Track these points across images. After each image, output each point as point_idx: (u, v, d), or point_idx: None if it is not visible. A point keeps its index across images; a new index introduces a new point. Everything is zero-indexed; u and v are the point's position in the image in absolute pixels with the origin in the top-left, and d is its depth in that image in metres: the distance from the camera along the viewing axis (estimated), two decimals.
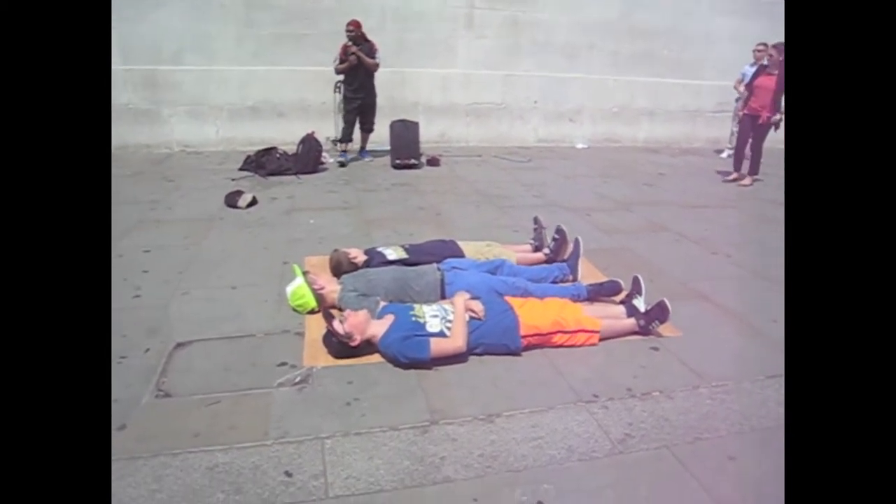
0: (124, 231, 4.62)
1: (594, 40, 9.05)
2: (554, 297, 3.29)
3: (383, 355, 2.83)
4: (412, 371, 2.75)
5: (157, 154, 7.66)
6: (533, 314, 2.99)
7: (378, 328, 2.83)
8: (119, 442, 2.25)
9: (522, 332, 2.91)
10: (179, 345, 2.95)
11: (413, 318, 2.85)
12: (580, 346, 3.02)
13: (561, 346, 3.00)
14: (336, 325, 2.78)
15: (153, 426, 2.35)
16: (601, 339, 3.07)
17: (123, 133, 7.74)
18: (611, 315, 3.26)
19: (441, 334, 2.79)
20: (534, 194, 6.17)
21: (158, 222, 4.91)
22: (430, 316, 2.87)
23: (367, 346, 2.83)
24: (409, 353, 2.74)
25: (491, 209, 5.57)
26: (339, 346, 2.79)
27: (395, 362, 2.78)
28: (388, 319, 2.87)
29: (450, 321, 2.85)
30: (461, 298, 2.96)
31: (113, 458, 2.17)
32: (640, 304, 3.27)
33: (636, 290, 3.33)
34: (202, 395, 2.55)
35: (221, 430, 2.32)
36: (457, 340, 2.77)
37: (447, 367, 2.78)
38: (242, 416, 2.42)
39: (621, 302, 3.41)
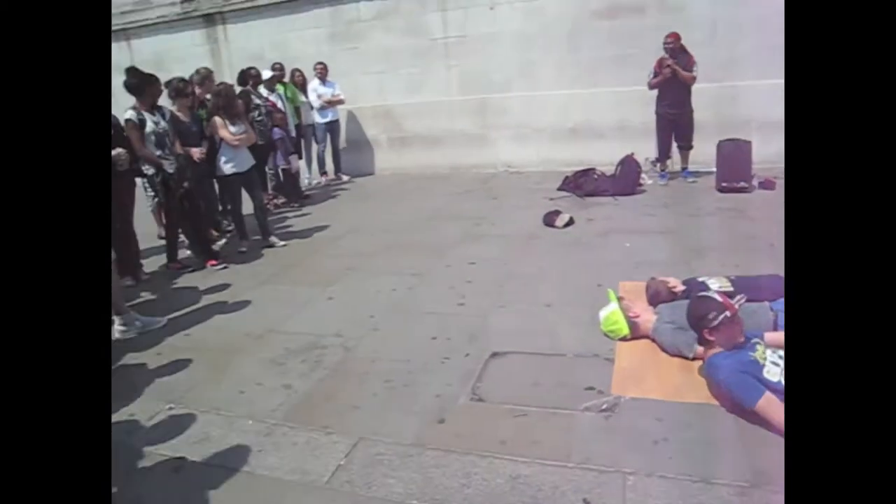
0: (453, 243, 5.15)
1: None
2: None
3: (706, 378, 2.61)
4: (732, 420, 2.44)
5: (483, 174, 8.40)
6: None
7: (710, 350, 2.64)
8: (438, 434, 2.51)
9: None
10: (495, 354, 3.15)
11: (751, 356, 2.49)
12: None
13: None
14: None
15: (467, 426, 2.55)
16: None
17: (457, 155, 8.74)
18: None
19: (779, 385, 2.39)
20: None
21: (483, 237, 5.36)
22: (771, 362, 2.45)
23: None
24: (735, 389, 2.40)
25: None
26: (693, 322, 2.72)
27: (717, 390, 2.52)
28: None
29: None
30: None
31: (431, 447, 2.42)
32: None
33: None
34: (511, 405, 2.67)
35: (526, 443, 2.39)
36: None
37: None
38: (547, 432, 2.46)
39: None
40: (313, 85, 8.33)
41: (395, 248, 5.29)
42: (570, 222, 5.47)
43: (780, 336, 2.67)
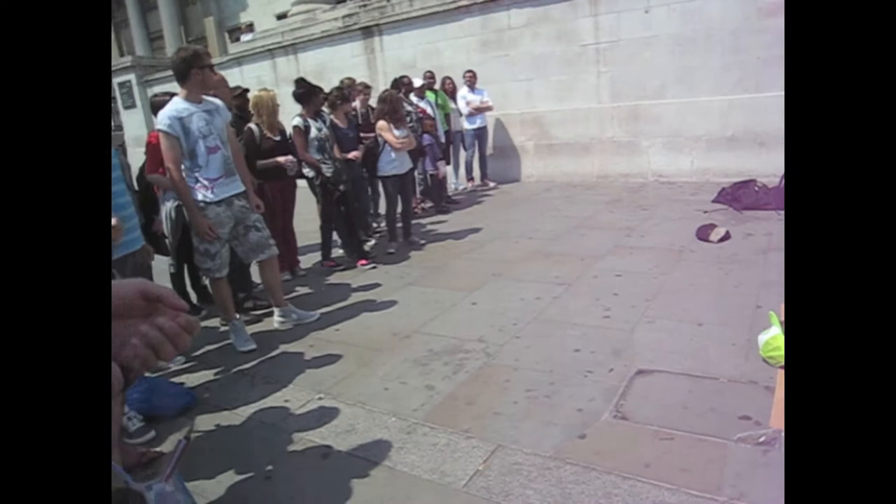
0: (601, 254, 5.03)
1: None
2: None
3: None
4: None
5: (633, 183, 8.12)
6: None
7: None
8: (578, 449, 2.46)
9: None
10: (641, 371, 3.03)
11: None
12: None
13: None
14: None
15: (609, 444, 2.48)
16: None
17: (605, 163, 8.53)
18: None
19: None
20: None
21: (631, 249, 5.18)
22: None
23: None
24: None
25: None
26: None
27: None
28: None
29: None
30: None
31: (572, 462, 2.38)
32: None
33: None
34: (657, 426, 2.56)
35: (672, 469, 2.28)
36: None
37: None
38: (695, 460, 2.33)
39: None
40: (462, 92, 8.55)
41: (540, 256, 5.27)
42: (727, 237, 5.12)
43: None
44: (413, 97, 7.39)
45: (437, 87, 8.18)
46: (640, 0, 7.92)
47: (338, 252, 5.88)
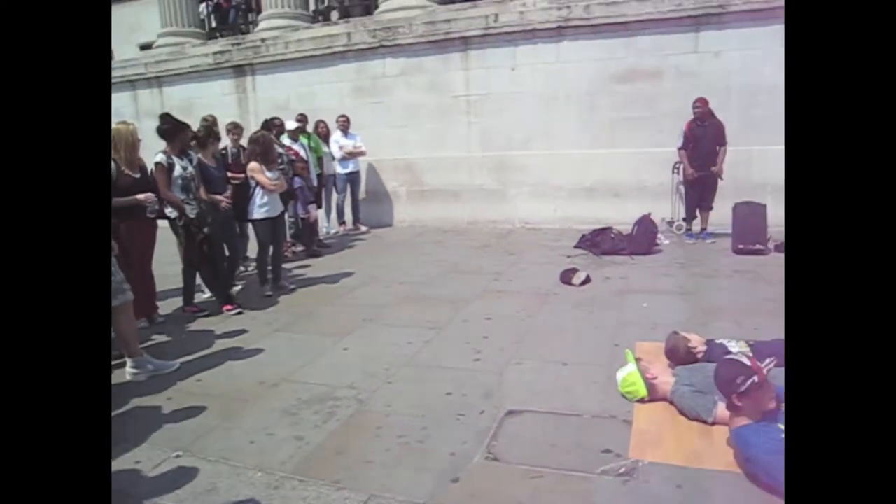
0: (470, 298, 5.15)
1: None
2: None
3: (735, 450, 2.52)
4: (755, 491, 2.37)
5: (501, 229, 8.47)
6: None
7: (737, 420, 2.56)
8: (452, 494, 2.44)
9: None
10: (511, 412, 3.10)
11: (781, 430, 2.40)
12: None
13: None
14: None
15: (482, 486, 2.48)
16: None
17: (476, 209, 8.85)
18: None
19: None
20: None
21: (500, 293, 5.36)
22: None
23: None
24: (772, 471, 2.29)
25: None
26: (721, 383, 2.63)
27: (742, 463, 2.45)
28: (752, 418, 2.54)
29: None
30: None
31: None
32: None
33: None
34: (527, 465, 2.60)
35: None
36: None
37: None
38: (563, 496, 2.39)
39: None
40: (336, 136, 8.55)
41: (411, 300, 5.29)
42: (587, 280, 5.46)
43: None
44: (286, 139, 7.27)
45: (310, 129, 8.12)
46: (507, 59, 8.46)
47: (202, 296, 5.53)
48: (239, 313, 5.17)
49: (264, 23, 10.65)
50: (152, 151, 4.98)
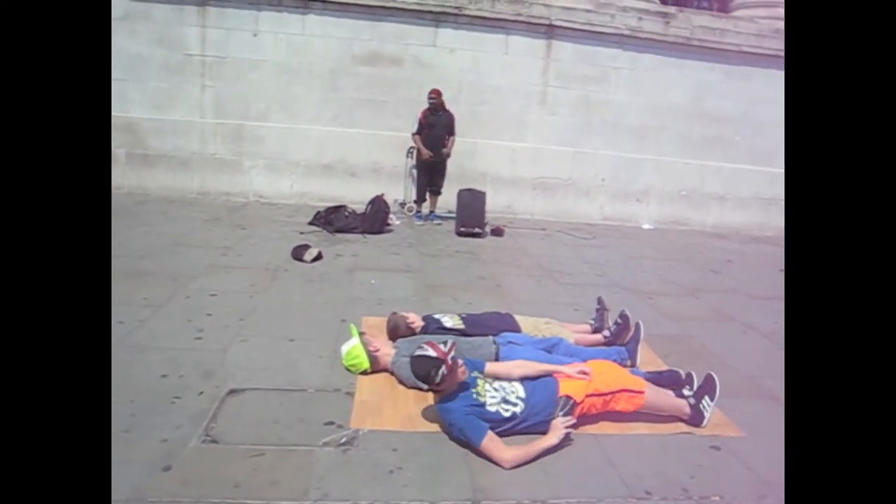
0: (195, 274, 4.81)
1: (665, 123, 9.06)
2: (597, 360, 3.18)
3: (437, 418, 2.79)
4: (458, 445, 2.68)
5: (234, 202, 8.05)
6: (577, 390, 2.87)
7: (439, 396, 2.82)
8: (163, 483, 2.28)
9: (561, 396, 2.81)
10: (233, 391, 2.99)
11: (473, 395, 2.76)
12: (630, 412, 2.91)
13: (601, 413, 2.90)
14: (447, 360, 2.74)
15: (197, 471, 2.36)
16: (646, 408, 2.93)
17: (207, 180, 8.25)
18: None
19: (497, 415, 2.71)
20: (596, 273, 6.08)
21: (227, 268, 5.10)
22: (490, 396, 2.78)
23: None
24: (465, 431, 2.64)
25: (552, 284, 5.51)
26: (426, 374, 2.77)
27: (446, 429, 2.73)
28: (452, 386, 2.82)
29: (507, 401, 2.78)
30: (558, 433, 2.70)
31: (155, 499, 2.19)
32: (707, 411, 3.00)
33: (708, 390, 3.05)
34: (248, 445, 2.55)
35: (262, 484, 2.31)
36: (506, 455, 2.58)
37: None
38: (284, 472, 2.40)
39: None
40: None
41: (126, 276, 4.72)
42: (319, 257, 5.51)
43: (497, 367, 3.01)
44: None
45: None
46: (249, 22, 7.98)
47: None
48: None
49: None
50: None
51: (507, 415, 2.74)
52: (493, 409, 2.73)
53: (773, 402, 3.45)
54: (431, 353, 2.76)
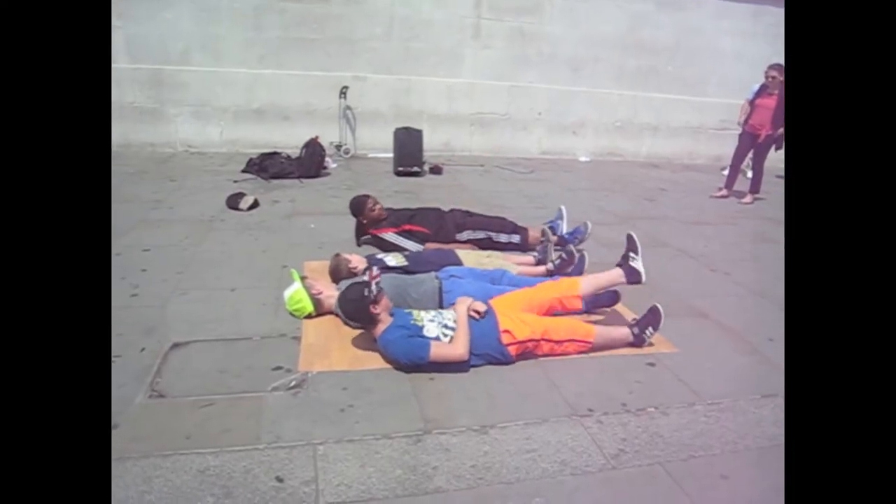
0: (125, 230, 4.61)
1: (600, 54, 9.08)
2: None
3: (383, 354, 2.84)
4: (406, 379, 2.74)
5: (160, 153, 7.67)
6: (522, 327, 2.97)
7: (378, 327, 2.85)
8: (112, 442, 2.25)
9: (507, 341, 2.90)
10: (176, 345, 2.95)
11: (412, 321, 2.86)
12: (571, 355, 3.03)
13: (549, 355, 3.01)
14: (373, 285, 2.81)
15: (145, 427, 2.35)
16: (594, 350, 3.07)
17: (128, 131, 7.77)
18: (606, 324, 3.27)
19: (438, 339, 2.80)
20: (535, 206, 6.17)
21: (160, 222, 4.92)
22: (428, 321, 2.88)
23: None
24: (410, 353, 2.74)
25: None
26: (355, 309, 2.86)
27: (396, 363, 2.79)
28: (388, 320, 2.87)
29: (447, 326, 2.85)
30: (464, 305, 2.95)
31: None
32: (637, 264, 3.37)
33: (631, 248, 3.44)
34: (196, 396, 2.54)
35: (213, 433, 2.32)
36: (458, 348, 2.77)
37: (442, 376, 2.78)
38: (235, 419, 2.41)
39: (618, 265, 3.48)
40: None
41: None
42: (255, 205, 5.37)
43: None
44: None
45: None
46: None
47: None
48: None
49: None
50: None
51: (446, 340, 2.82)
52: (432, 333, 2.82)
53: (703, 318, 3.68)
54: (363, 277, 2.86)
